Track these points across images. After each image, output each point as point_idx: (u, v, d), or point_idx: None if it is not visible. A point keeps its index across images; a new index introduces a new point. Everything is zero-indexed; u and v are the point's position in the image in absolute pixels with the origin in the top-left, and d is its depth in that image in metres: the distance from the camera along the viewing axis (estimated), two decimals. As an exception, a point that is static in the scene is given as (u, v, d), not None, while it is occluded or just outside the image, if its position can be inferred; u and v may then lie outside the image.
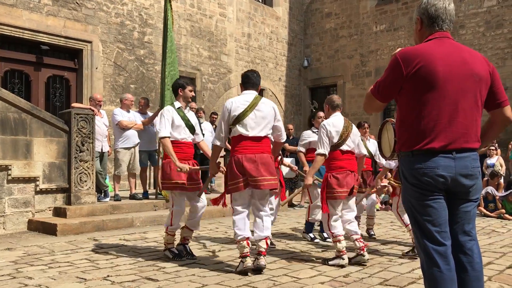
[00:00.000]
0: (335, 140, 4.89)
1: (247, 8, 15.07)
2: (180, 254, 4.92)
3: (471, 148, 2.40)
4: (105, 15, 11.08)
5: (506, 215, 8.89)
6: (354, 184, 4.96)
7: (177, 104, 5.06)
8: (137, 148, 8.24)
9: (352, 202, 5.09)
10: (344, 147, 4.96)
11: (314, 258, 5.02)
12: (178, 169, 4.70)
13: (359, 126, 6.43)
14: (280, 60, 16.41)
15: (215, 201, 4.75)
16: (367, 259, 4.79)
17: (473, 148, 2.41)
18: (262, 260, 4.29)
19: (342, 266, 4.64)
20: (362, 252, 4.78)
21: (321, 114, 6.45)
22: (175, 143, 4.90)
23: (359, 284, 3.99)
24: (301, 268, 4.55)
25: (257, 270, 4.27)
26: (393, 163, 5.40)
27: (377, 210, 9.52)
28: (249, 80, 4.54)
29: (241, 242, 4.28)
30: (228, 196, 4.57)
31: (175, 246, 5.02)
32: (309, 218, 6.20)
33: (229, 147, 9.94)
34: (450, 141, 2.36)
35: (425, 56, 2.37)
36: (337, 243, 4.76)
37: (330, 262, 4.75)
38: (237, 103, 4.41)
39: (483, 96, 2.46)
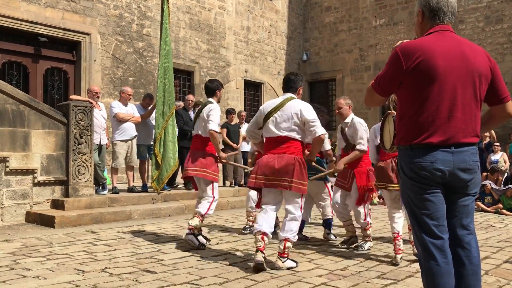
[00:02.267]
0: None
1: (246, 1, 15.02)
2: (204, 245, 5.16)
3: (470, 142, 2.40)
4: (103, 7, 11.03)
5: (504, 210, 8.92)
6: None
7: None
8: (134, 141, 8.23)
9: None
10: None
11: (312, 252, 5.04)
12: (223, 156, 5.40)
13: None
14: (279, 53, 16.38)
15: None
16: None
17: (472, 143, 2.41)
18: (278, 262, 4.24)
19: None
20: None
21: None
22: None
23: (356, 277, 4.01)
24: (299, 261, 4.54)
25: (261, 268, 4.16)
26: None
27: (375, 204, 9.55)
28: (285, 83, 4.66)
29: (256, 236, 4.28)
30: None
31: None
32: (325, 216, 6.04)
33: (227, 140, 9.86)
34: (449, 136, 2.36)
35: (425, 50, 2.37)
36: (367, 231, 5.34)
37: (365, 246, 5.24)
38: (268, 104, 4.58)
39: (483, 91, 2.45)
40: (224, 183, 11.34)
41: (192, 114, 9.11)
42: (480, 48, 2.53)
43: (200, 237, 5.19)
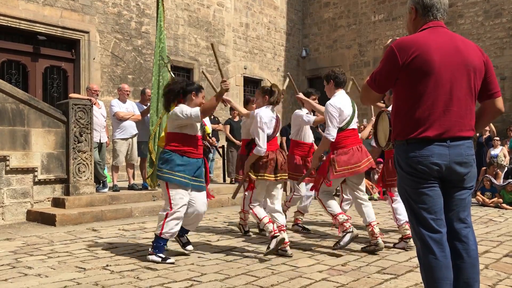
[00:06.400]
0: None
1: (245, -2, 15.00)
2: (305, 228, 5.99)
3: (465, 136, 2.42)
4: (102, 5, 11.02)
5: (504, 205, 8.93)
6: None
7: None
8: (135, 139, 8.24)
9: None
10: None
11: (312, 247, 5.05)
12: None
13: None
14: (278, 50, 16.36)
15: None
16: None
17: (468, 137, 2.43)
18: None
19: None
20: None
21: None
22: None
23: (357, 273, 4.02)
24: (299, 257, 4.57)
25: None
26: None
27: (375, 200, 9.56)
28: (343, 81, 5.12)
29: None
30: None
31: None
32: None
33: (231, 137, 9.79)
34: (445, 130, 2.37)
35: (420, 46, 2.38)
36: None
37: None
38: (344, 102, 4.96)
39: (477, 85, 2.47)
40: (224, 180, 11.35)
41: None
42: (473, 43, 2.56)
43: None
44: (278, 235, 4.43)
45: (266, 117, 4.63)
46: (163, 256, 4.33)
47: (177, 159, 4.37)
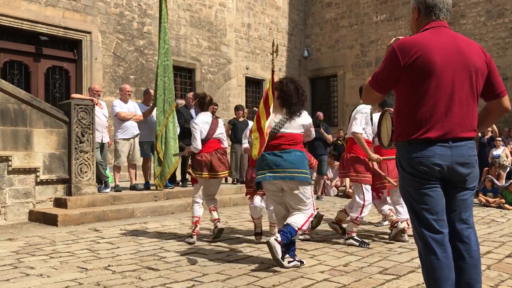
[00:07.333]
0: None
1: (247, -2, 15.01)
2: (364, 242, 5.20)
3: (467, 137, 2.41)
4: (104, 6, 11.03)
5: (506, 205, 8.91)
6: None
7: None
8: (136, 139, 8.25)
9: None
10: None
11: (314, 248, 5.05)
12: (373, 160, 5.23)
13: None
14: (280, 50, 16.34)
15: None
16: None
17: (469, 137, 2.43)
18: None
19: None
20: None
21: None
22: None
23: (358, 273, 4.01)
24: (301, 257, 4.56)
25: None
26: None
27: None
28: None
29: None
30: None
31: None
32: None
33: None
34: (447, 131, 2.37)
35: (422, 46, 2.38)
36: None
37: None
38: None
39: (480, 86, 2.46)
40: (226, 180, 11.34)
41: (193, 112, 9.09)
42: (476, 43, 2.55)
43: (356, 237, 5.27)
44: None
45: (200, 122, 5.42)
46: (300, 259, 4.29)
47: None
